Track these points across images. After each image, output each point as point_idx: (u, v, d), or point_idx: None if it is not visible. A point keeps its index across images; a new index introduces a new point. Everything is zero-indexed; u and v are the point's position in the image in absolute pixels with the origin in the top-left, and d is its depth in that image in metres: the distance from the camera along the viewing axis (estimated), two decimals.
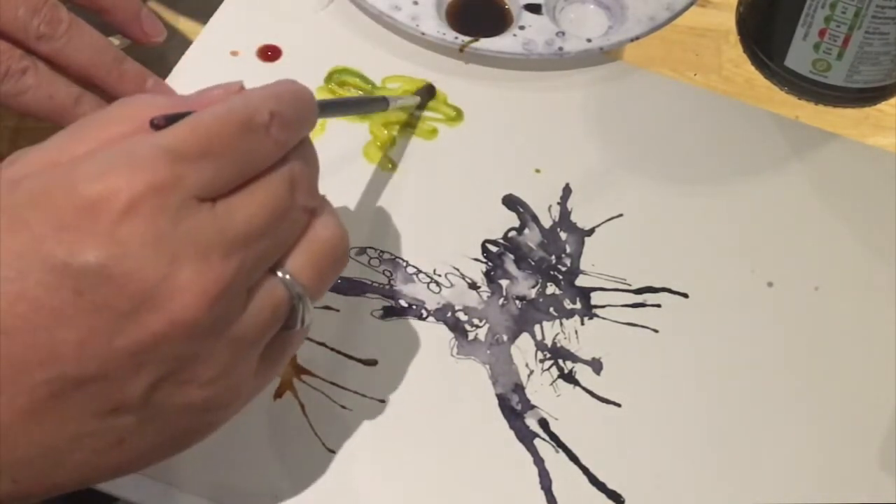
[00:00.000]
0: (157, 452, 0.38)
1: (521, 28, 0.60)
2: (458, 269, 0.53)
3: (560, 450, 0.48)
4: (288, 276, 0.38)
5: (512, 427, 0.49)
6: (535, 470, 0.48)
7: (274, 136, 0.38)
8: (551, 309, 0.52)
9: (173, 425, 0.37)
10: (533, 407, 0.49)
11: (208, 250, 0.35)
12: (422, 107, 0.58)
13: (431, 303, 0.52)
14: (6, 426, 0.34)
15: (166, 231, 0.34)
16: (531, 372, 0.50)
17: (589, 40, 0.60)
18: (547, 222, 0.55)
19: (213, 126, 0.36)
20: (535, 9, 0.61)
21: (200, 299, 0.35)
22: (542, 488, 0.47)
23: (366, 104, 0.55)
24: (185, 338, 0.35)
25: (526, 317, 0.52)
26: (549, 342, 0.51)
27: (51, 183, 0.34)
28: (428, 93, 0.58)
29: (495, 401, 0.49)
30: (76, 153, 0.36)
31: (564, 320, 0.52)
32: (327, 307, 0.51)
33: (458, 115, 0.58)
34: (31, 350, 0.33)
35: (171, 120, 0.36)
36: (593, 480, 0.48)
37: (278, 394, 0.49)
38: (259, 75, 0.58)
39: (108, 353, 0.34)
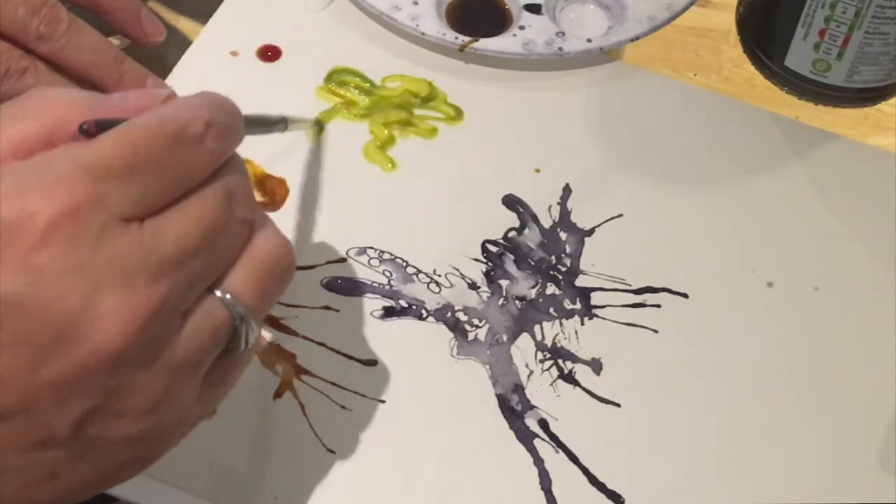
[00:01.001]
0: (95, 485, 0.36)
1: (521, 28, 0.60)
2: (458, 269, 0.53)
3: (560, 450, 0.48)
4: (228, 296, 0.36)
5: (512, 427, 0.49)
6: (535, 470, 0.48)
7: (209, 147, 0.35)
8: (551, 309, 0.52)
9: (109, 458, 0.35)
10: (533, 407, 0.49)
11: (133, 275, 0.33)
12: (319, 132, 0.57)
13: (431, 303, 0.52)
14: None
15: (86, 257, 0.32)
16: (531, 372, 0.50)
17: (589, 40, 0.60)
18: (547, 222, 0.55)
19: (142, 139, 0.34)
20: (535, 9, 0.61)
21: (125, 328, 0.33)
22: (542, 488, 0.47)
23: (265, 125, 0.51)
24: (111, 369, 0.33)
25: (526, 317, 0.52)
26: (549, 342, 0.51)
27: None
28: (319, 125, 0.57)
29: (495, 401, 0.49)
30: None
31: (564, 320, 0.52)
32: (327, 307, 0.51)
33: (458, 114, 0.58)
34: None
35: (102, 127, 0.34)
36: (593, 480, 0.48)
37: (278, 394, 0.49)
38: (259, 75, 0.59)
39: (29, 386, 0.32)
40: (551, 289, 0.53)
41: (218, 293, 0.36)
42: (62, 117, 0.35)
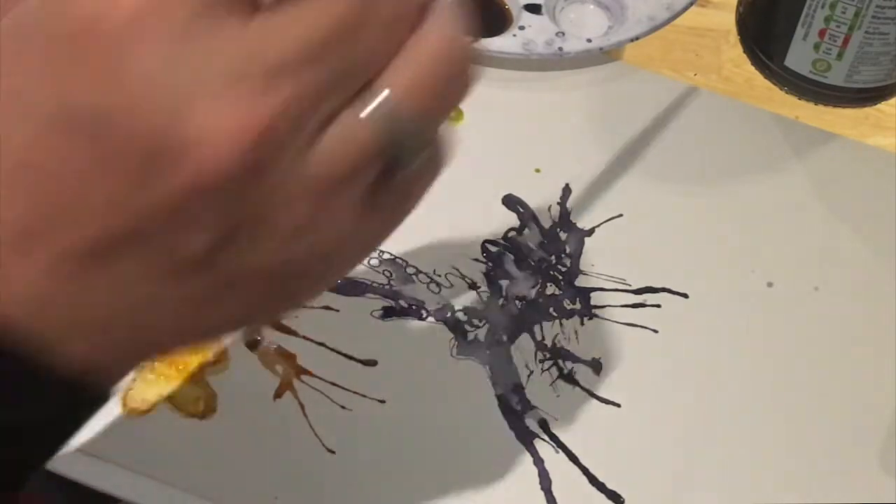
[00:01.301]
0: (256, 314, 0.31)
1: (521, 28, 0.60)
2: (457, 270, 0.53)
3: (560, 450, 0.48)
4: (380, 105, 0.28)
5: (512, 427, 0.49)
6: (535, 470, 0.48)
7: None
8: (551, 309, 0.52)
9: (260, 289, 0.30)
10: (533, 407, 0.49)
11: (237, 80, 0.26)
12: None
13: (431, 303, 0.52)
14: (49, 295, 0.28)
15: (179, 56, 0.26)
16: (531, 372, 0.50)
17: (589, 40, 0.60)
18: (547, 222, 0.55)
19: None
20: (535, 9, 0.61)
21: (232, 146, 0.26)
22: (542, 488, 0.47)
23: None
24: (226, 191, 0.27)
25: (526, 317, 0.52)
26: (548, 342, 0.51)
27: (37, 11, 0.27)
28: None
29: (495, 401, 0.49)
30: None
31: (564, 321, 0.52)
32: (327, 307, 0.51)
33: (458, 114, 0.58)
34: (48, 215, 0.27)
35: None
36: (593, 480, 0.48)
37: (278, 394, 0.49)
38: None
39: (143, 209, 0.27)
40: (551, 289, 0.53)
41: (367, 103, 0.28)
42: None
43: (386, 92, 0.28)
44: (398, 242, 0.53)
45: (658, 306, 0.52)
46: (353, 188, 0.29)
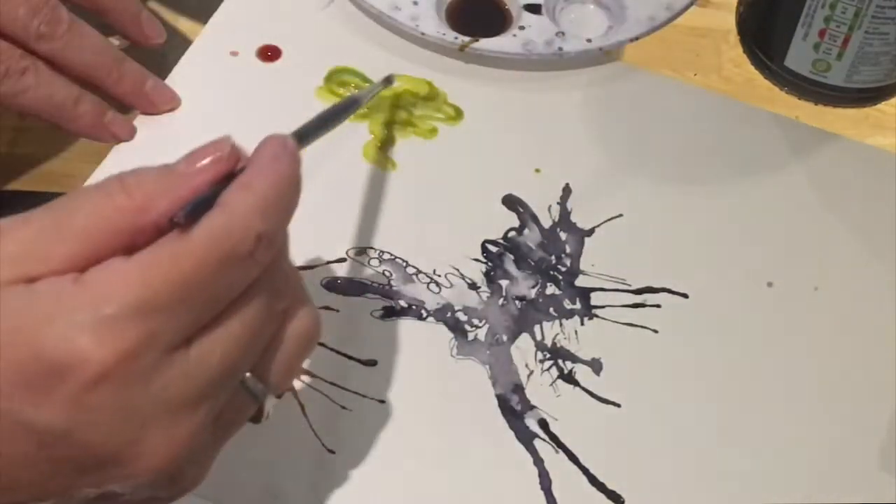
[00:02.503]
0: None
1: (521, 28, 0.60)
2: (457, 270, 0.53)
3: (560, 450, 0.48)
4: (260, 386, 0.37)
5: (512, 427, 0.49)
6: (535, 470, 0.48)
7: (258, 259, 0.35)
8: (551, 309, 0.52)
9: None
10: (533, 407, 0.49)
11: (177, 408, 0.34)
12: (388, 83, 0.55)
13: (431, 303, 0.52)
14: None
15: (137, 397, 0.33)
16: (531, 372, 0.50)
17: (589, 40, 0.60)
18: (547, 222, 0.55)
19: (191, 270, 0.33)
20: (535, 9, 0.61)
21: (164, 459, 0.34)
22: (542, 488, 0.47)
23: (340, 112, 0.49)
24: (150, 482, 0.35)
25: (526, 317, 0.52)
26: (548, 342, 0.51)
27: (15, 337, 0.32)
28: (388, 81, 0.55)
29: (495, 401, 0.49)
30: (53, 255, 0.33)
31: (564, 320, 0.52)
32: (327, 307, 0.51)
33: (458, 114, 0.58)
34: None
35: (192, 216, 0.34)
36: (593, 480, 0.48)
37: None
38: (259, 75, 0.59)
39: (68, 489, 0.34)
40: (551, 289, 0.53)
41: (249, 384, 0.37)
42: (142, 204, 0.34)
43: (267, 370, 0.37)
44: (398, 242, 0.53)
45: (658, 306, 0.52)
46: (228, 440, 0.38)
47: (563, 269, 0.53)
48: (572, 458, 0.48)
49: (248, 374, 0.37)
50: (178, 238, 0.33)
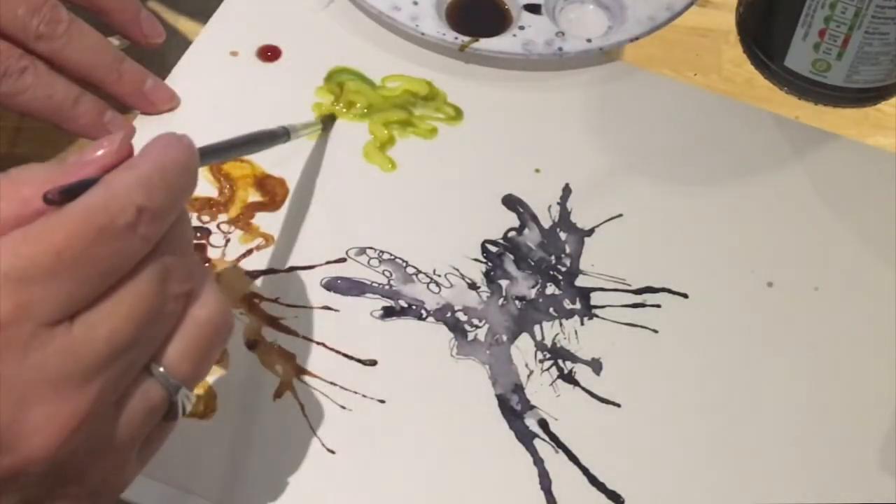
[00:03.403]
0: None
1: (521, 28, 0.60)
2: (457, 269, 0.53)
3: (560, 450, 0.48)
4: (164, 372, 0.36)
5: (512, 427, 0.49)
6: (535, 470, 0.48)
7: (141, 234, 0.34)
8: (551, 309, 0.52)
9: None
10: (533, 407, 0.49)
11: (62, 383, 0.33)
12: (326, 130, 0.56)
13: (431, 303, 0.52)
14: None
15: (13, 371, 0.32)
16: (531, 372, 0.50)
17: (589, 40, 0.60)
18: (547, 222, 0.55)
19: (64, 240, 0.32)
20: (534, 9, 0.61)
21: (54, 438, 0.33)
22: (542, 488, 0.47)
23: (261, 141, 0.49)
24: (44, 471, 0.33)
25: (526, 317, 0.52)
26: (548, 342, 0.51)
27: None
28: (331, 120, 0.57)
29: (495, 401, 0.49)
30: None
31: (564, 320, 0.52)
32: (327, 307, 0.51)
33: (458, 114, 0.58)
34: None
35: (69, 192, 0.33)
36: (593, 480, 0.47)
37: (278, 394, 0.49)
38: (259, 75, 0.59)
39: None
40: (551, 289, 0.53)
41: (154, 371, 0.36)
42: (29, 195, 0.34)
43: (172, 357, 0.36)
44: (398, 242, 0.53)
45: (658, 306, 0.52)
46: (139, 442, 0.36)
47: (563, 269, 0.53)
48: (572, 458, 0.48)
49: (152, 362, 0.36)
50: (54, 212, 0.33)
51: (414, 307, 0.52)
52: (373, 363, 0.50)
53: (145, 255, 0.34)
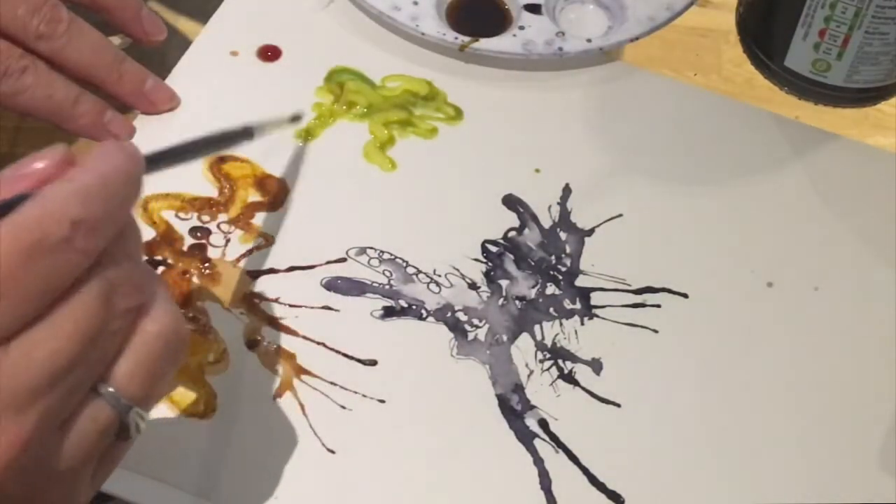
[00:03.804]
0: None
1: (521, 28, 0.60)
2: (457, 269, 0.53)
3: (560, 450, 0.48)
4: (113, 392, 0.34)
5: (512, 427, 0.49)
6: (535, 470, 0.48)
7: (79, 247, 0.32)
8: (551, 309, 0.52)
9: None
10: (533, 407, 0.49)
11: (1, 407, 0.31)
12: (295, 120, 0.54)
13: (431, 303, 0.52)
14: None
15: None
16: (531, 372, 0.50)
17: (589, 40, 0.60)
18: (547, 222, 0.55)
19: None
20: (534, 9, 0.61)
21: None
22: (542, 488, 0.47)
23: (221, 141, 0.46)
24: None
25: (526, 317, 0.52)
26: (548, 342, 0.51)
27: None
28: (297, 117, 0.54)
29: (495, 401, 0.49)
30: None
31: (564, 320, 0.52)
32: (327, 307, 0.51)
33: (457, 114, 0.58)
34: None
35: (1, 209, 0.32)
36: (593, 480, 0.47)
37: (278, 394, 0.49)
38: (259, 75, 0.59)
39: None
40: (551, 289, 0.53)
41: (102, 392, 0.34)
42: None
43: (121, 376, 0.34)
44: (398, 242, 0.53)
45: (658, 306, 0.52)
46: (91, 464, 0.35)
47: (563, 269, 0.53)
48: (572, 458, 0.48)
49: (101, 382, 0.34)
50: None
51: (414, 307, 0.52)
52: (373, 363, 0.50)
53: (87, 269, 0.33)
